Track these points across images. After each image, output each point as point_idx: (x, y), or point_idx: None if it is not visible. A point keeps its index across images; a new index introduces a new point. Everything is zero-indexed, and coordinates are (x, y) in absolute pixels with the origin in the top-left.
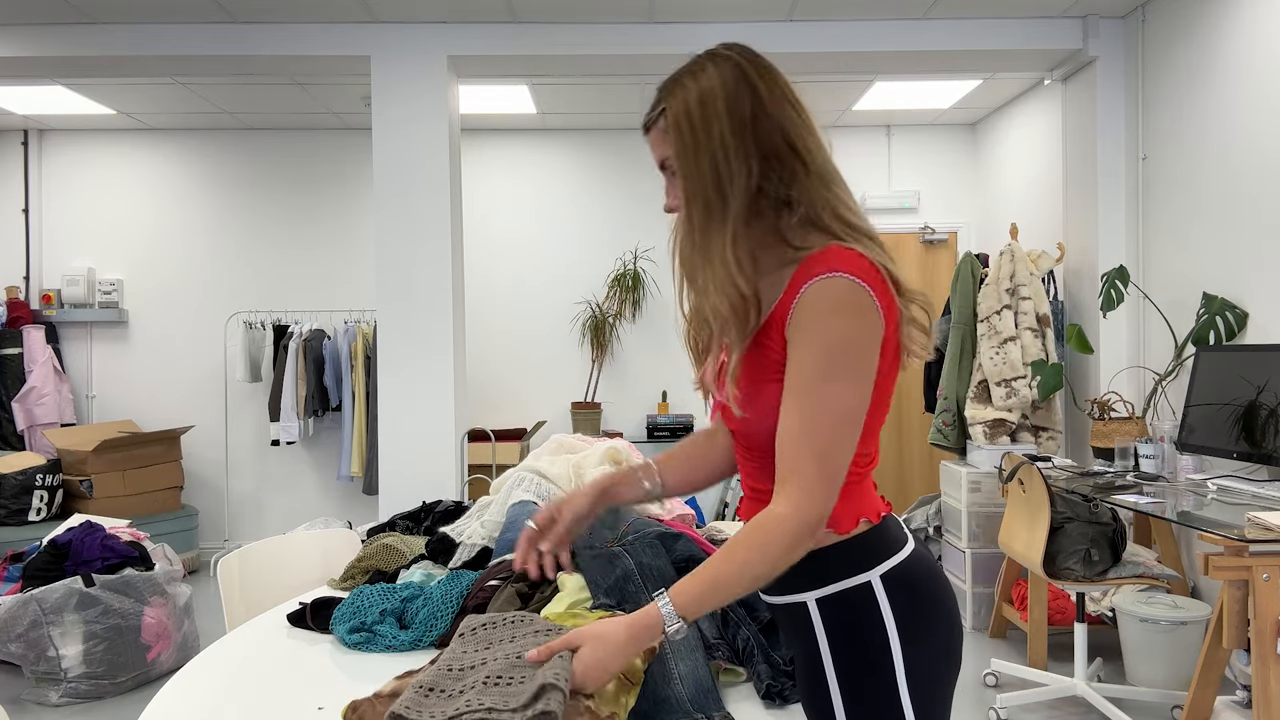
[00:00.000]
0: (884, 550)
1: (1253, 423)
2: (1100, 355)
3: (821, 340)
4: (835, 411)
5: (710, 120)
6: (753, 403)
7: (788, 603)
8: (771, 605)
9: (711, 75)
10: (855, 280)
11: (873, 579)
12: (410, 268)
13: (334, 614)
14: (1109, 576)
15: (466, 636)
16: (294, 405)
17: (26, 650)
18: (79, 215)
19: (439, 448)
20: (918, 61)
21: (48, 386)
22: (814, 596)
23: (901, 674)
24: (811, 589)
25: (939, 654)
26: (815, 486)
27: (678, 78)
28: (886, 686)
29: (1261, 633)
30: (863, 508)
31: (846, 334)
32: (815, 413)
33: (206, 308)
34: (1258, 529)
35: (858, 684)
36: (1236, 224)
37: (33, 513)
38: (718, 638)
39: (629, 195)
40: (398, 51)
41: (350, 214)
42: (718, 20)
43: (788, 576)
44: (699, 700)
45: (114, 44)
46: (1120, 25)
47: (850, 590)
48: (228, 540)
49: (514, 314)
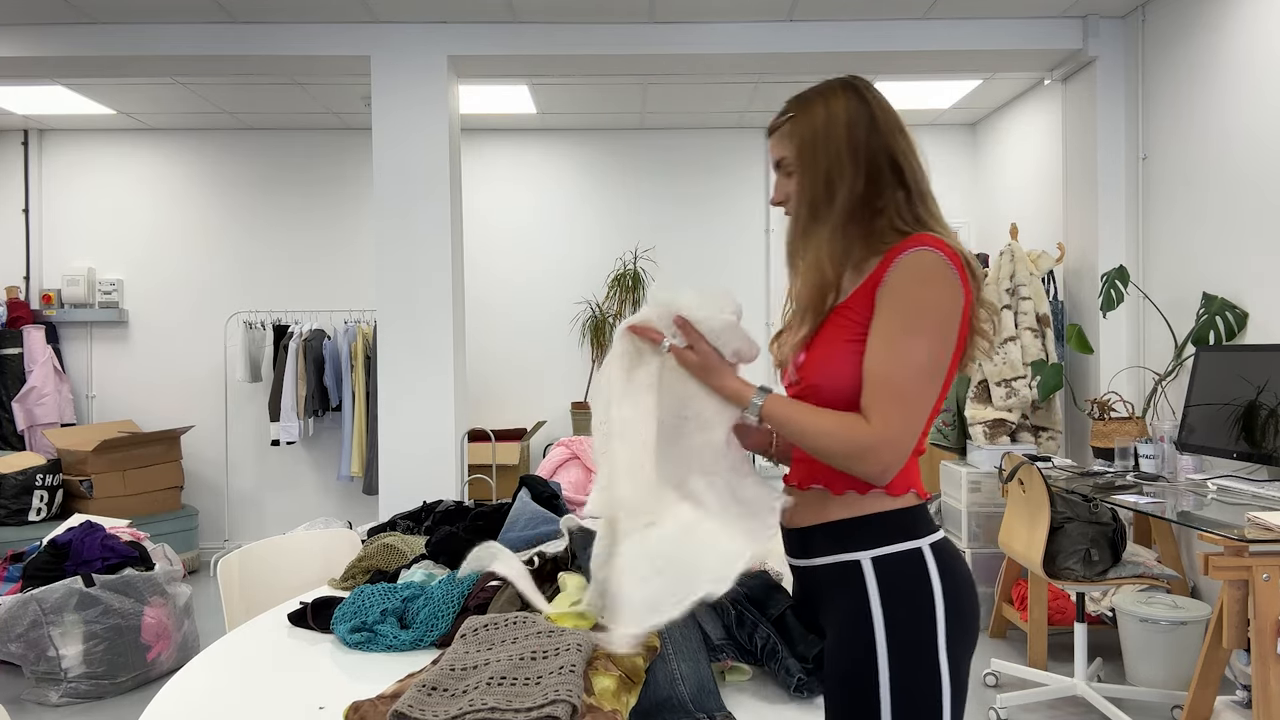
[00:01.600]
0: (928, 525)
1: (1253, 423)
2: (1100, 355)
3: (907, 300)
4: (915, 363)
5: (831, 140)
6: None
7: (839, 562)
8: (810, 570)
9: (839, 101)
10: (942, 256)
11: (924, 546)
12: (410, 268)
13: (335, 614)
14: (1109, 576)
15: (468, 637)
16: (294, 405)
17: (26, 650)
18: (79, 215)
19: (439, 448)
20: (918, 61)
21: (48, 386)
22: (869, 556)
23: (942, 641)
24: (867, 548)
25: (970, 630)
26: (892, 419)
27: (810, 97)
28: (929, 650)
29: (1261, 633)
30: (911, 481)
31: (930, 297)
32: (898, 360)
33: (206, 308)
34: (1258, 529)
35: (904, 645)
36: (1237, 224)
37: (33, 513)
38: (723, 638)
39: (629, 195)
40: (398, 51)
41: (350, 214)
42: (718, 20)
43: (844, 536)
44: (700, 700)
45: (114, 44)
46: (1120, 25)
47: (904, 553)
48: (228, 540)
49: (514, 314)
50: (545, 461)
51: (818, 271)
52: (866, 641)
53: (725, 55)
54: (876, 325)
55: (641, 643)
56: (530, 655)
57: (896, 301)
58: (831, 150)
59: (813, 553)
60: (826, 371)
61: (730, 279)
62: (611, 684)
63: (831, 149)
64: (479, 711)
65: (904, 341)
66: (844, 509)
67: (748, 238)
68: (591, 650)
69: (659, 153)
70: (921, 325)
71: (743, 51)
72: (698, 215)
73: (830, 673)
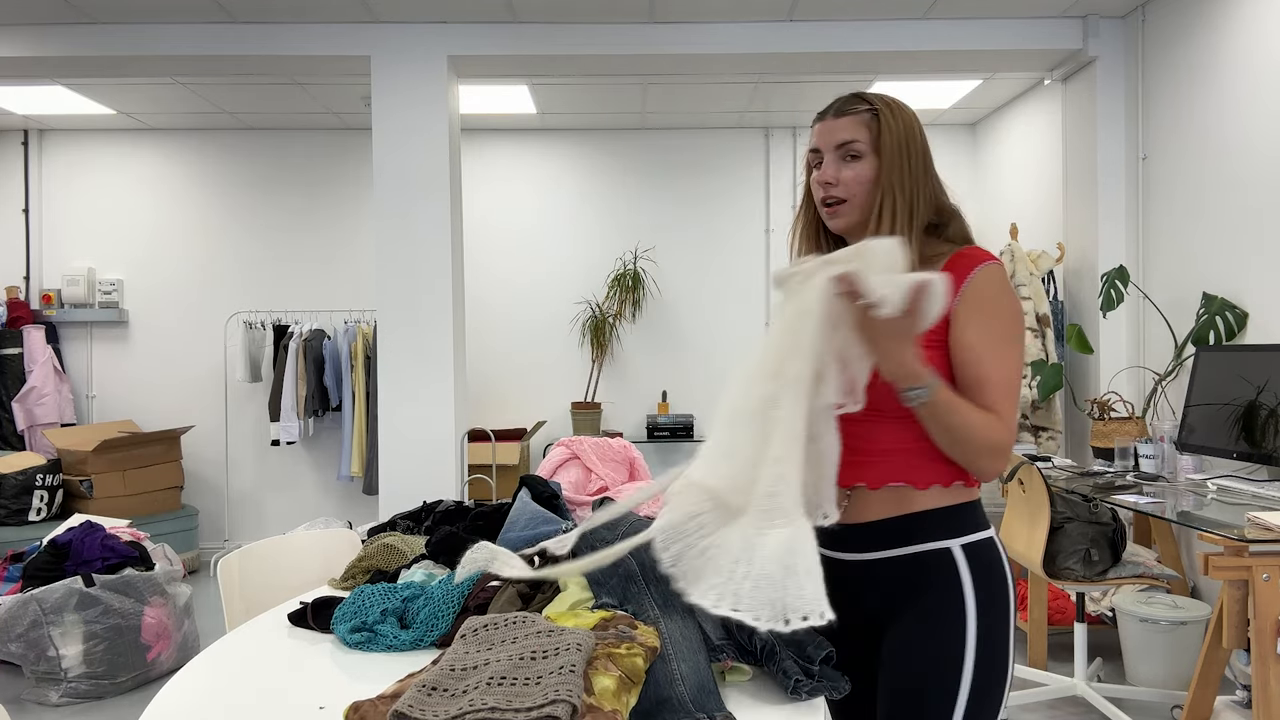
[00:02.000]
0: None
1: (1253, 423)
2: (1100, 355)
3: (1000, 310)
4: (1015, 369)
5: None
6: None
7: (928, 551)
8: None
9: (908, 110)
10: (1005, 271)
11: (993, 535)
12: (410, 268)
13: (335, 614)
14: (1109, 576)
15: (468, 637)
16: (294, 405)
17: (26, 650)
18: (79, 215)
19: (439, 448)
20: (918, 61)
21: (48, 386)
22: (959, 543)
23: (1011, 621)
24: (957, 536)
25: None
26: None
27: (880, 97)
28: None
29: (1261, 633)
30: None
31: (1015, 309)
32: (1006, 366)
33: (206, 308)
34: (1258, 529)
35: (989, 625)
36: (1237, 223)
37: (33, 513)
38: (723, 638)
39: (629, 195)
40: (398, 51)
41: (350, 214)
42: (718, 20)
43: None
44: (700, 700)
45: (114, 44)
46: (1120, 25)
47: (984, 540)
48: (228, 540)
49: (514, 314)
50: (545, 461)
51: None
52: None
53: (725, 55)
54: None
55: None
56: (530, 655)
57: (994, 311)
58: (916, 154)
59: (891, 544)
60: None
61: (730, 279)
62: (611, 684)
63: (916, 153)
64: (479, 711)
65: (1008, 348)
66: (929, 500)
67: (748, 238)
68: (592, 650)
69: (659, 153)
70: (1016, 333)
71: (743, 51)
72: (698, 215)
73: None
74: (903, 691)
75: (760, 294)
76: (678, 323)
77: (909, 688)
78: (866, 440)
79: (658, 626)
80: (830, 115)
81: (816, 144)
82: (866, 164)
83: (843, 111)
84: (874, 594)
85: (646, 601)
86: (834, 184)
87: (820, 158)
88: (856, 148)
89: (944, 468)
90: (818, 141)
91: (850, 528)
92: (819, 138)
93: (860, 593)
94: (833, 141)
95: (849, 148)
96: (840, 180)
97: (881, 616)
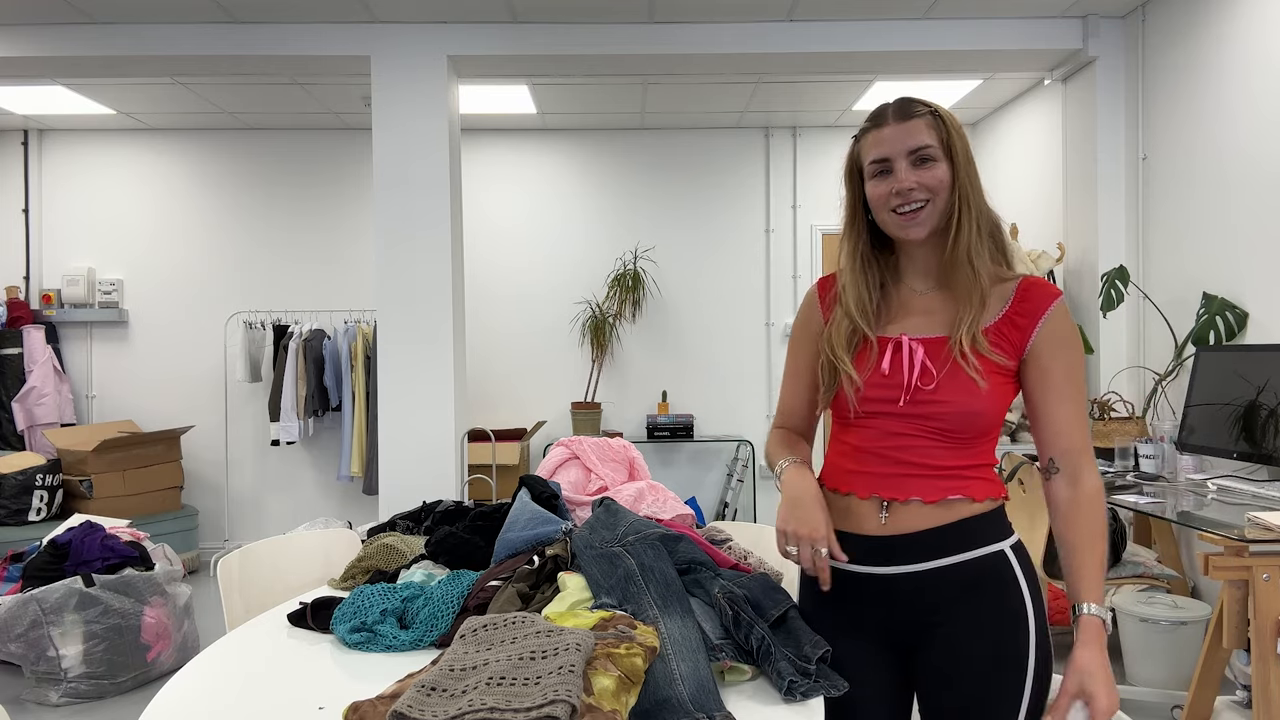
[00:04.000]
0: None
1: (1253, 423)
2: (1100, 355)
3: (1078, 346)
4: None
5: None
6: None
7: (985, 554)
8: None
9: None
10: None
11: (1019, 537)
12: (410, 268)
13: (334, 614)
14: (1109, 576)
15: (468, 638)
16: (294, 405)
17: (26, 650)
18: (79, 215)
19: (439, 448)
20: (918, 61)
21: (48, 386)
22: (1008, 545)
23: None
24: (1005, 538)
25: None
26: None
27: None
28: (1047, 632)
29: (1261, 633)
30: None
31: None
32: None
33: (206, 308)
34: (1258, 529)
35: (1041, 621)
36: (1236, 224)
37: (33, 513)
38: (721, 638)
39: (629, 195)
40: (398, 51)
41: (350, 214)
42: (718, 20)
43: (985, 529)
44: (700, 700)
45: (114, 44)
46: (1120, 25)
47: (1019, 540)
48: (228, 540)
49: (514, 314)
50: (545, 461)
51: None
52: (1022, 626)
53: (725, 55)
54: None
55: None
56: (530, 655)
57: (1074, 345)
58: (971, 159)
59: (944, 553)
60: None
61: (730, 279)
62: (611, 684)
63: (972, 158)
64: (478, 711)
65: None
66: (977, 506)
67: (748, 238)
68: (591, 650)
69: (659, 153)
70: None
71: (743, 51)
72: (698, 215)
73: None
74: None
75: (760, 294)
76: (678, 323)
77: (974, 693)
78: (925, 455)
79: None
80: (892, 119)
81: (885, 152)
82: (942, 167)
83: (908, 114)
84: (918, 605)
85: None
86: (914, 188)
87: (885, 166)
88: (931, 151)
89: (994, 481)
90: (887, 150)
91: (896, 539)
92: (889, 145)
93: (903, 605)
94: (906, 146)
95: (923, 151)
96: (921, 183)
97: (923, 627)
